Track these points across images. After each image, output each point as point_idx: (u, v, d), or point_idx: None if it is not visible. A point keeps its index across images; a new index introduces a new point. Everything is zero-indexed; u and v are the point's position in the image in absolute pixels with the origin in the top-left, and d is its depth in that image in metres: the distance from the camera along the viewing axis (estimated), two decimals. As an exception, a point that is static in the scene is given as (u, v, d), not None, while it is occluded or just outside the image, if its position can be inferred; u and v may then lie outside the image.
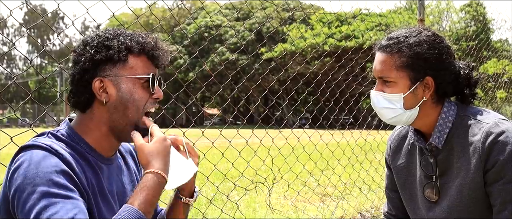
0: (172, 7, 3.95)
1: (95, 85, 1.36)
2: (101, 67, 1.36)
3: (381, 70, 1.64)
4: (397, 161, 1.87)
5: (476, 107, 1.69)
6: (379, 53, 1.67)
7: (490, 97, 9.93)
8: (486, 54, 9.91)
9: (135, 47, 1.38)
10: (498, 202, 1.55)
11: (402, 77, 1.60)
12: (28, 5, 5.11)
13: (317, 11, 9.40)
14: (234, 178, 6.02)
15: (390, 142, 1.94)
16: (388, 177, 1.99)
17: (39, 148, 1.25)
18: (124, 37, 1.39)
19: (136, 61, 1.39)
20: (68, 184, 1.21)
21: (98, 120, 1.40)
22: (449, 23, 26.70)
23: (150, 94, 1.41)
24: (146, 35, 1.44)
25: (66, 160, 1.25)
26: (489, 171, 1.55)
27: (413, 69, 1.59)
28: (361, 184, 6.03)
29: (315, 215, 4.91)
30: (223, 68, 4.14)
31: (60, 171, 1.21)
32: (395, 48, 1.61)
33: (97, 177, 1.37)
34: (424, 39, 1.61)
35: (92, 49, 1.36)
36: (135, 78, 1.39)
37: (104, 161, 1.43)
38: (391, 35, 1.67)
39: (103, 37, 1.38)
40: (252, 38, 21.63)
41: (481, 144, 1.56)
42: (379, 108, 1.67)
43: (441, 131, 1.65)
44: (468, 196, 1.61)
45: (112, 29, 1.43)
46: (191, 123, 3.69)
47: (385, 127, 6.51)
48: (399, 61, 1.60)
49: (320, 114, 5.46)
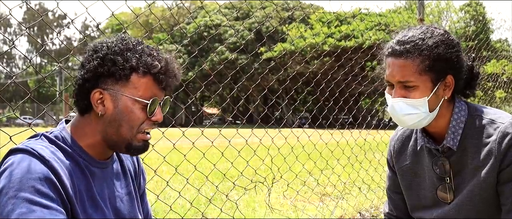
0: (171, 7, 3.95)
1: (94, 96, 1.34)
2: (103, 80, 1.34)
3: (402, 76, 1.56)
4: (402, 162, 1.85)
5: (484, 106, 1.69)
6: (395, 59, 1.58)
7: (489, 97, 9.93)
8: (485, 54, 9.91)
9: (141, 68, 1.34)
10: (509, 201, 1.55)
11: (424, 80, 1.55)
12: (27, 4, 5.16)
13: (316, 10, 9.40)
14: (233, 178, 6.02)
15: (393, 142, 1.91)
16: (390, 178, 1.97)
17: (27, 153, 1.24)
18: (133, 54, 1.34)
19: (140, 82, 1.35)
20: (50, 193, 1.20)
21: (94, 127, 1.38)
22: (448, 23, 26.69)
23: (148, 117, 1.38)
24: (158, 55, 1.38)
25: (52, 167, 1.24)
26: (504, 170, 1.55)
27: (435, 71, 1.55)
28: (360, 183, 6.03)
29: (315, 215, 4.91)
30: (223, 68, 4.13)
31: (44, 178, 1.20)
32: (415, 52, 1.54)
33: (87, 182, 1.36)
34: (441, 39, 1.57)
35: (98, 60, 1.33)
36: (135, 99, 1.35)
37: (97, 164, 1.41)
38: (403, 38, 1.59)
39: (112, 49, 1.34)
40: (251, 37, 21.62)
41: (497, 144, 1.55)
42: (401, 115, 1.60)
43: (454, 132, 1.63)
44: (478, 195, 1.60)
45: (126, 40, 1.38)
46: (191, 122, 3.68)
47: (384, 126, 6.52)
48: (422, 65, 1.54)
49: (319, 113, 5.46)
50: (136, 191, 1.60)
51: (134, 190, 1.58)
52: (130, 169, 1.60)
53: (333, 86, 5.06)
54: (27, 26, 2.71)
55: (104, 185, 1.42)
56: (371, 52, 5.61)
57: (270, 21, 15.83)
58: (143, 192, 1.71)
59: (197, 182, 6.67)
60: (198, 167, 3.47)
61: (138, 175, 1.66)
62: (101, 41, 1.38)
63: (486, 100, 9.71)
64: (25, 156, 1.23)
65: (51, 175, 1.23)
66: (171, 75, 1.39)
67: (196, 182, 6.62)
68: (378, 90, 5.43)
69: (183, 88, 3.47)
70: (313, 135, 4.64)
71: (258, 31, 27.42)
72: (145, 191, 1.74)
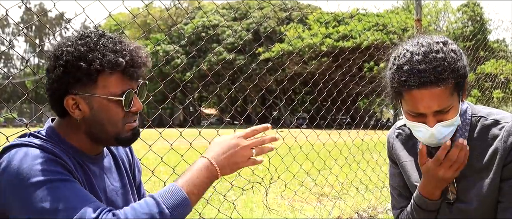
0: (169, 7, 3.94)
1: (68, 102, 1.33)
2: (71, 85, 1.31)
3: (439, 105, 1.49)
4: (403, 158, 1.83)
5: (485, 107, 1.68)
6: (426, 90, 1.47)
7: (487, 97, 9.95)
8: (483, 54, 9.93)
9: (106, 68, 1.29)
10: (507, 198, 1.55)
11: (455, 98, 1.52)
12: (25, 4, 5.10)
13: (314, 11, 9.39)
14: (231, 178, 6.02)
15: (391, 140, 1.89)
16: (397, 174, 1.90)
17: (23, 145, 1.25)
18: (95, 54, 1.29)
19: (108, 80, 1.32)
20: (60, 169, 1.22)
21: (77, 128, 1.38)
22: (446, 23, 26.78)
23: (126, 110, 1.36)
24: (122, 49, 1.33)
25: (53, 152, 1.25)
26: (505, 167, 1.55)
27: (460, 86, 1.53)
28: (358, 183, 6.04)
29: (312, 215, 4.91)
30: (220, 68, 4.13)
31: (49, 159, 1.22)
32: (446, 79, 1.46)
33: (86, 175, 1.37)
34: (457, 54, 1.51)
35: (61, 68, 1.29)
36: (108, 98, 1.33)
37: (89, 160, 1.41)
38: (425, 66, 1.47)
39: (73, 54, 1.28)
40: (249, 38, 21.62)
41: (503, 143, 1.55)
42: (441, 139, 1.55)
43: (462, 135, 1.62)
44: (486, 196, 1.59)
45: (86, 39, 1.32)
46: (188, 122, 3.68)
47: (382, 126, 6.52)
48: (451, 88, 1.48)
49: (317, 113, 5.46)
50: (131, 183, 1.59)
51: (129, 182, 1.58)
52: (124, 161, 1.60)
53: (330, 87, 5.06)
54: (24, 26, 2.70)
55: (97, 179, 1.42)
56: (368, 52, 5.62)
57: (268, 21, 15.84)
58: (140, 184, 1.71)
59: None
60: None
61: (132, 166, 1.66)
62: (60, 44, 1.33)
63: (484, 100, 9.73)
64: (22, 149, 1.23)
65: (54, 156, 1.24)
66: (138, 65, 1.36)
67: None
68: (376, 91, 5.44)
69: (180, 89, 3.47)
70: (311, 135, 4.64)
71: (256, 31, 27.43)
72: (142, 183, 1.73)
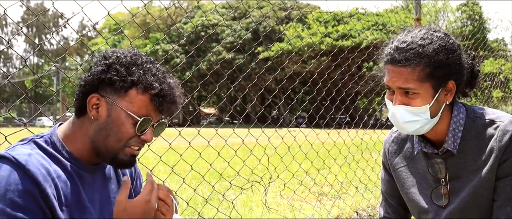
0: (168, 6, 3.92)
1: (91, 100, 1.35)
2: (103, 86, 1.35)
3: (403, 82, 1.51)
4: (397, 164, 1.83)
5: (482, 107, 1.67)
6: (394, 67, 1.52)
7: (486, 96, 9.95)
8: (482, 53, 9.92)
9: (141, 85, 1.34)
10: (501, 197, 1.54)
11: (426, 88, 1.51)
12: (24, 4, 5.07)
13: (313, 10, 9.38)
14: (230, 177, 6.01)
15: (387, 145, 1.89)
16: (387, 181, 1.93)
17: (9, 162, 1.23)
18: (138, 69, 1.35)
19: (137, 98, 1.35)
20: (27, 206, 1.20)
21: (85, 131, 1.38)
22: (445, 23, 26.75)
23: (137, 134, 1.37)
24: (162, 77, 1.38)
25: (33, 177, 1.23)
26: (500, 166, 1.54)
27: (436, 77, 1.50)
28: (357, 183, 6.04)
29: (312, 214, 4.91)
30: (220, 68, 4.12)
31: (23, 190, 1.20)
32: (415, 60, 1.48)
33: (75, 187, 1.35)
34: (441, 44, 1.51)
35: (103, 66, 1.34)
36: (128, 113, 1.35)
37: (87, 169, 1.40)
38: (402, 45, 1.52)
39: (120, 60, 1.35)
40: (248, 37, 21.62)
41: (497, 142, 1.54)
42: (402, 122, 1.56)
43: (454, 136, 1.61)
44: (482, 196, 1.58)
45: (137, 56, 1.38)
46: (187, 122, 3.68)
47: (381, 126, 6.53)
48: (423, 73, 1.49)
49: (316, 113, 5.46)
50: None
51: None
52: (126, 172, 1.60)
53: (330, 86, 5.07)
54: (23, 25, 2.69)
55: (94, 189, 1.42)
56: (368, 52, 5.62)
57: (267, 20, 15.84)
58: None
59: (193, 181, 6.66)
60: (194, 166, 3.47)
61: (134, 179, 1.66)
62: (114, 50, 1.39)
63: (483, 99, 9.73)
64: (6, 167, 1.22)
65: (30, 186, 1.22)
66: (169, 100, 1.38)
67: (193, 182, 6.61)
68: (375, 90, 5.44)
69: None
70: (310, 134, 4.64)
71: (255, 31, 27.38)
72: None
